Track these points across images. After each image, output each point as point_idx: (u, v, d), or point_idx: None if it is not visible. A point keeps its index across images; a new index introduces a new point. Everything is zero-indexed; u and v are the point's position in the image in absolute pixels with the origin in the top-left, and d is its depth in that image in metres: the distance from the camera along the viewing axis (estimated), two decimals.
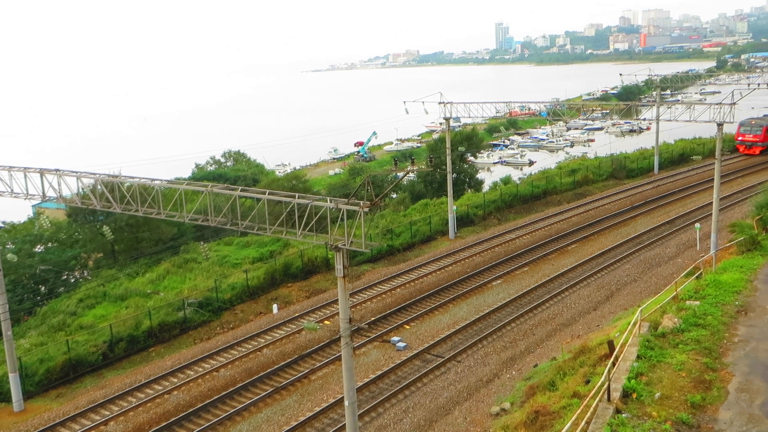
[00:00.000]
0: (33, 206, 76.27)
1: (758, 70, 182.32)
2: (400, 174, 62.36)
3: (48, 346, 36.92)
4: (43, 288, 50.83)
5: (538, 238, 54.14)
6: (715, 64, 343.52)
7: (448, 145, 57.53)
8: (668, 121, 55.18)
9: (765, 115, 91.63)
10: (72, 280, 53.65)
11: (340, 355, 25.09)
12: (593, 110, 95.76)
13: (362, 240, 23.47)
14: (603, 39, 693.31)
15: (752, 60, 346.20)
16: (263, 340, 37.96)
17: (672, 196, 65.05)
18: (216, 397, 32.10)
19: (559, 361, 28.12)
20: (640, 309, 26.83)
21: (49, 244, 55.16)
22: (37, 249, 54.26)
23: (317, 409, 30.43)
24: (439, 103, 54.28)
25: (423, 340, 37.03)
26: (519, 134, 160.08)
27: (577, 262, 48.00)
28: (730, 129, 71.85)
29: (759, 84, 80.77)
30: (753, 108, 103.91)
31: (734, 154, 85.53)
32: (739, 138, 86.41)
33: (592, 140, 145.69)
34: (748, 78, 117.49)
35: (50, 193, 30.86)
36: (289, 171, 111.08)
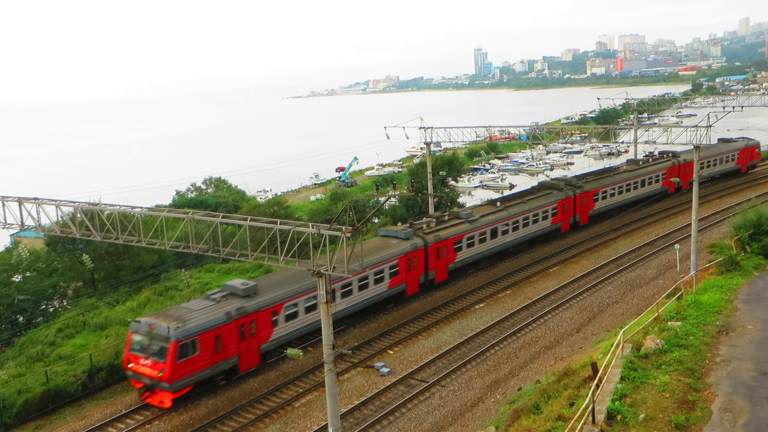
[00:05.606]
0: (11, 235, 75.58)
1: (733, 93, 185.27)
2: (382, 199, 62.55)
3: (26, 377, 36.25)
4: (21, 318, 50.10)
5: (520, 261, 54.29)
6: (690, 88, 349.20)
7: (429, 169, 57.75)
8: (646, 143, 55.88)
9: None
10: (51, 310, 52.95)
11: (324, 381, 24.92)
12: (572, 134, 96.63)
13: (345, 265, 23.46)
14: (580, 64, 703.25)
15: (727, 83, 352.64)
16: None
17: (651, 218, 65.59)
18: (198, 427, 31.66)
19: (543, 384, 28.10)
20: (622, 330, 26.96)
21: (28, 274, 54.48)
22: (15, 278, 53.57)
23: None
24: (420, 128, 54.60)
25: (407, 365, 36.86)
26: (499, 158, 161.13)
27: (559, 284, 48.15)
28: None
29: (734, 107, 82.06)
30: (728, 130, 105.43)
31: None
32: (130, 365, 34.17)
33: (572, 163, 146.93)
34: (723, 101, 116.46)
35: (29, 222, 30.59)
36: (270, 197, 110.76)
